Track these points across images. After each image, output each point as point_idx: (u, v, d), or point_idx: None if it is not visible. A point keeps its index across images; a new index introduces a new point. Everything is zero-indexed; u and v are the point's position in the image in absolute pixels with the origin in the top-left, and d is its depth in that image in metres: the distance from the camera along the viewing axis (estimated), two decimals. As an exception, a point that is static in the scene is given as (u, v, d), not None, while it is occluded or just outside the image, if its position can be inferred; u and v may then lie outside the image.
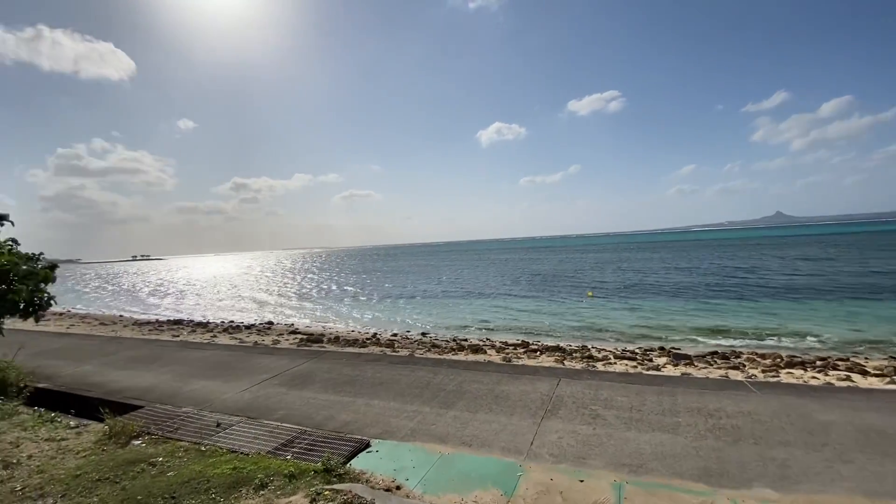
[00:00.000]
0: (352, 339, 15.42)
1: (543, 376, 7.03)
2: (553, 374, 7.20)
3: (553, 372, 7.35)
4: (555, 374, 7.20)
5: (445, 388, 6.63)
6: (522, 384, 6.69)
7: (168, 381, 7.77)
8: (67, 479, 4.14)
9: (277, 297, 33.94)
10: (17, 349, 8.60)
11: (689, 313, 19.33)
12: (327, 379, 7.38)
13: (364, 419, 5.65)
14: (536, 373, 7.27)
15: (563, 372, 7.34)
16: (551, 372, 7.34)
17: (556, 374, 7.13)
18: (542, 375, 7.09)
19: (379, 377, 7.32)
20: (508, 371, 7.47)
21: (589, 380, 6.77)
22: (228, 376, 7.87)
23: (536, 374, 7.21)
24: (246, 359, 9.07)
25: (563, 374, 7.20)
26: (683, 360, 11.24)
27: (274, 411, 6.10)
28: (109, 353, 10.27)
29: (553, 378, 6.91)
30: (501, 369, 7.63)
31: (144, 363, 9.12)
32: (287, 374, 7.74)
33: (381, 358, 8.61)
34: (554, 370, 7.57)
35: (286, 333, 16.78)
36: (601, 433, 4.98)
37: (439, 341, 15.07)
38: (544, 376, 7.03)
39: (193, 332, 17.31)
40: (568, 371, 7.44)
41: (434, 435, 5.10)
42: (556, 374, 7.12)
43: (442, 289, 34.28)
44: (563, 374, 7.20)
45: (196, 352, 9.97)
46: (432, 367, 7.73)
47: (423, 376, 7.26)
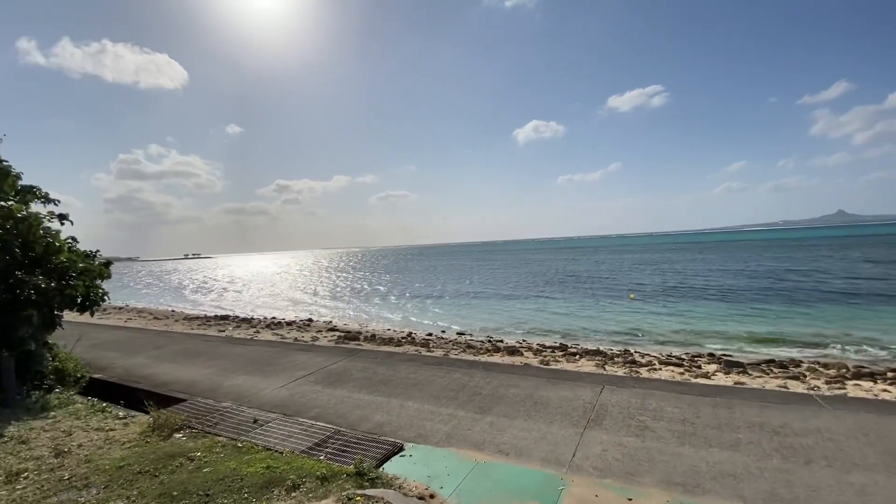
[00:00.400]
0: (387, 337, 15.46)
1: (585, 382, 6.67)
2: (596, 380, 6.82)
3: (596, 378, 6.97)
4: (598, 380, 6.82)
5: (481, 392, 6.40)
6: (563, 390, 6.36)
7: (210, 376, 7.97)
8: (111, 469, 4.24)
9: (315, 296, 34.82)
10: (76, 341, 9.11)
11: (738, 318, 18.20)
12: (362, 378, 7.33)
13: (398, 421, 5.52)
14: (578, 378, 6.91)
15: (607, 378, 6.94)
16: (594, 378, 6.96)
17: (599, 381, 6.74)
18: (583, 381, 6.73)
19: (413, 378, 7.19)
20: (547, 376, 7.14)
21: (635, 388, 6.35)
22: (267, 372, 7.99)
23: (578, 379, 6.86)
24: (284, 355, 9.20)
25: (606, 380, 6.80)
26: (736, 367, 10.50)
27: (309, 409, 6.09)
28: (159, 346, 10.73)
29: (596, 385, 6.53)
30: (540, 373, 7.32)
31: (190, 357, 9.44)
32: (323, 372, 7.76)
33: (415, 358, 8.50)
34: (596, 376, 7.19)
35: (325, 330, 17.07)
36: (651, 447, 4.60)
37: (474, 342, 14.87)
38: (586, 382, 6.67)
39: (238, 327, 17.94)
40: (612, 378, 7.04)
41: (470, 441, 4.90)
42: (599, 381, 6.74)
43: (477, 289, 34.00)
44: (606, 380, 6.80)
45: (238, 347, 10.24)
46: (467, 369, 7.52)
47: (458, 378, 7.07)
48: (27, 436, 5.16)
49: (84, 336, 12.63)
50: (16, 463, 4.42)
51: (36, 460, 4.52)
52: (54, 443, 5.00)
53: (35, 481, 4.04)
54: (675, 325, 17.57)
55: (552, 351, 13.63)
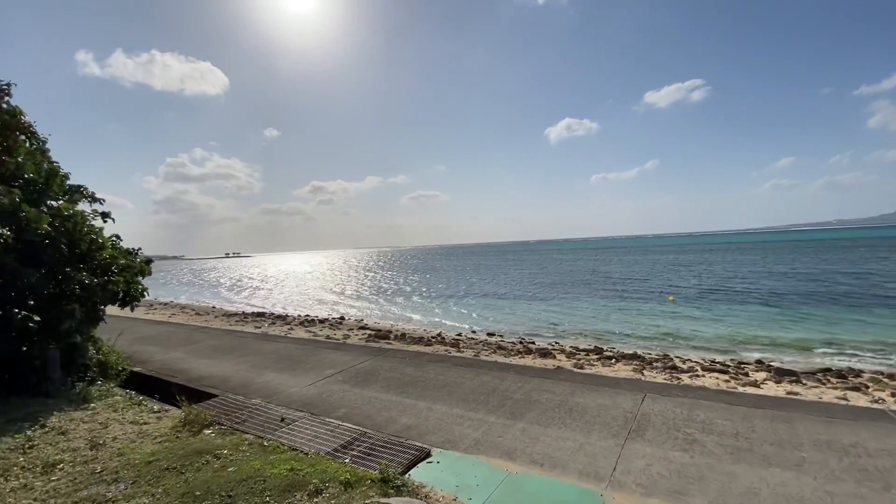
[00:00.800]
0: (417, 336, 15.36)
1: (625, 389, 6.25)
2: (636, 386, 6.39)
3: (636, 385, 6.53)
4: (638, 386, 6.39)
5: (513, 397, 6.12)
6: (600, 397, 5.98)
7: (242, 372, 8.05)
8: (141, 464, 4.25)
9: (346, 295, 35.29)
10: (118, 335, 9.44)
11: (786, 323, 16.99)
12: (390, 378, 7.19)
13: (425, 424, 5.33)
14: (616, 385, 6.50)
15: (650, 386, 6.48)
16: (634, 385, 6.53)
17: (639, 388, 6.31)
18: (622, 388, 6.31)
19: (442, 379, 6.98)
20: (583, 381, 6.76)
21: (681, 396, 5.88)
22: (296, 370, 7.99)
23: (616, 386, 6.44)
24: (314, 353, 9.21)
25: (647, 387, 6.35)
26: (787, 376, 9.71)
27: (336, 409, 5.99)
28: (196, 341, 11.02)
29: (636, 392, 6.11)
30: (574, 378, 6.94)
31: (224, 353, 9.61)
32: (351, 371, 7.68)
33: (444, 359, 8.29)
34: (636, 382, 6.73)
35: (356, 329, 17.18)
36: (701, 464, 4.19)
37: (505, 343, 14.55)
38: (626, 389, 6.25)
39: (273, 324, 18.33)
40: (654, 385, 6.56)
41: (500, 449, 4.63)
42: (640, 388, 6.30)
43: (508, 290, 33.50)
44: (647, 387, 6.35)
45: (270, 344, 10.36)
46: (498, 372, 7.24)
47: (489, 381, 6.80)
48: (67, 427, 5.29)
49: (128, 330, 13.17)
50: (53, 454, 4.51)
51: (72, 452, 4.60)
52: (91, 435, 5.10)
53: (69, 473, 4.09)
54: (717, 329, 16.62)
55: (586, 354, 13.15)
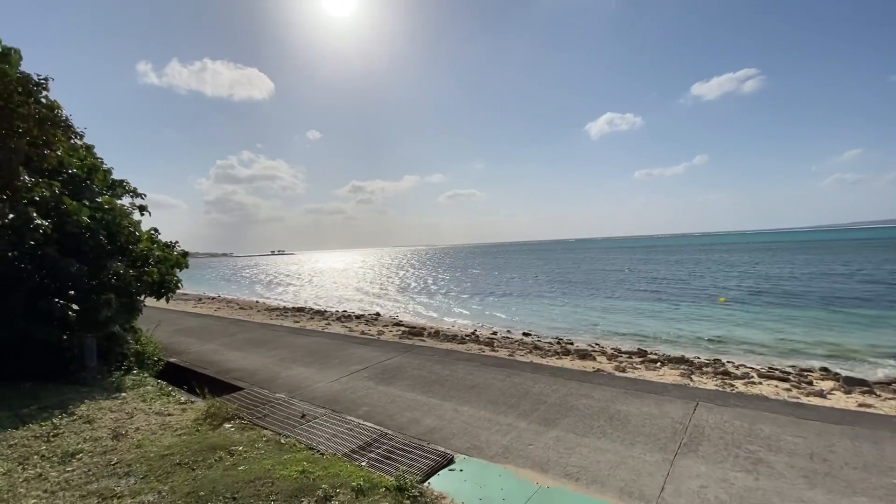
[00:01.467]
0: (451, 334, 15.08)
1: (674, 396, 5.60)
2: (687, 394, 5.71)
3: (687, 392, 5.84)
4: (689, 394, 5.71)
5: (546, 401, 5.62)
6: (645, 404, 5.38)
7: (271, 365, 7.99)
8: (155, 458, 4.13)
9: (384, 292, 35.52)
10: (155, 326, 9.69)
11: (851, 327, 15.34)
12: (416, 376, 6.87)
13: (450, 427, 4.95)
14: (663, 391, 5.85)
15: (703, 393, 5.77)
16: (684, 392, 5.84)
17: (691, 395, 5.64)
18: (671, 395, 5.66)
19: (471, 379, 6.58)
20: (625, 385, 6.15)
21: (739, 406, 5.18)
22: (324, 364, 7.84)
23: (663, 392, 5.80)
24: (343, 348, 9.06)
25: (701, 395, 5.65)
26: (858, 386, 8.62)
27: (359, 406, 5.72)
28: (231, 334, 11.19)
29: (687, 399, 5.45)
30: (616, 382, 6.34)
31: (256, 346, 9.65)
32: (378, 367, 7.43)
33: (474, 358, 7.88)
34: (687, 390, 6.02)
35: (391, 325, 17.11)
36: (768, 487, 3.57)
37: (542, 343, 14.01)
38: (675, 396, 5.60)
39: (311, 319, 18.58)
40: (708, 393, 5.83)
41: (531, 459, 4.18)
42: (692, 395, 5.63)
43: (545, 288, 32.57)
44: (701, 395, 5.65)
45: (301, 338, 10.33)
46: (531, 373, 6.74)
47: (521, 383, 6.33)
48: (94, 415, 5.32)
49: (171, 322, 13.63)
50: (75, 443, 4.49)
51: (94, 441, 4.57)
52: (116, 424, 5.09)
53: (86, 464, 4.02)
54: (773, 333, 15.21)
55: (629, 357, 12.37)
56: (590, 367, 10.16)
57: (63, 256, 7.16)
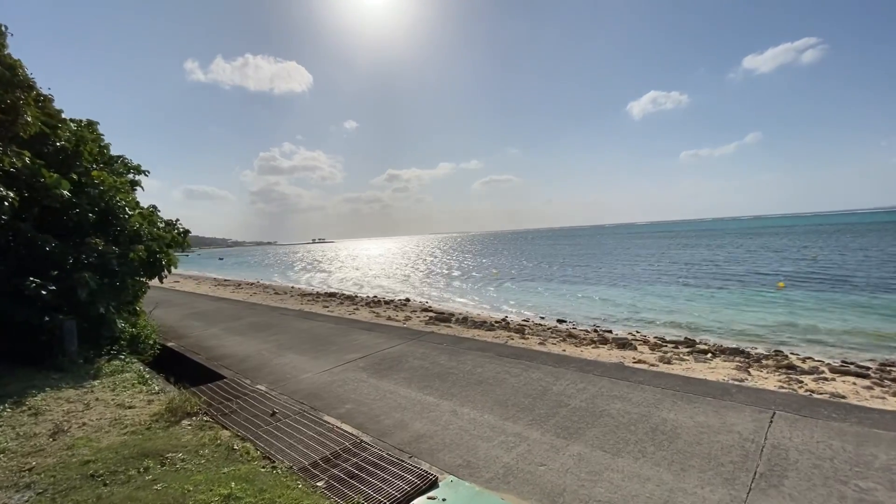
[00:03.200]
0: (480, 321, 14.08)
1: (739, 402, 4.26)
2: (757, 398, 4.33)
3: (757, 396, 4.43)
4: (761, 399, 4.32)
5: (569, 403, 4.45)
6: (701, 412, 4.10)
7: (264, 352, 7.26)
8: (76, 465, 3.37)
9: (415, 278, 34.88)
10: (153, 308, 9.23)
11: None
12: (417, 367, 5.87)
13: (442, 435, 3.91)
14: (725, 394, 4.49)
15: (780, 399, 4.33)
16: (753, 395, 4.44)
17: (763, 401, 4.26)
18: (735, 399, 4.32)
19: (479, 373, 5.50)
20: (673, 385, 4.84)
21: (836, 419, 3.79)
22: (320, 352, 7.01)
23: (725, 395, 4.45)
24: (346, 333, 8.22)
25: (778, 401, 4.25)
26: None
27: (342, 403, 4.80)
28: (240, 318, 10.66)
29: (759, 407, 4.11)
30: (660, 381, 5.03)
31: (258, 330, 9.01)
32: (377, 356, 6.50)
33: (487, 347, 6.77)
34: (758, 393, 4.57)
35: (419, 311, 16.40)
36: (905, 556, 2.32)
37: (577, 331, 12.68)
38: (741, 402, 4.25)
39: (341, 304, 18.10)
40: (789, 398, 4.37)
41: (541, 485, 3.07)
42: (765, 401, 4.24)
43: (583, 273, 30.75)
44: (778, 401, 4.25)
45: (307, 322, 9.60)
46: (554, 367, 5.56)
47: (540, 379, 5.18)
48: (46, 406, 4.70)
49: (189, 305, 13.38)
50: (4, 440, 3.83)
51: (24, 439, 3.90)
52: (63, 418, 4.43)
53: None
54: (842, 322, 13.15)
55: (675, 346, 10.87)
56: (630, 357, 8.88)
57: (41, 233, 6.67)
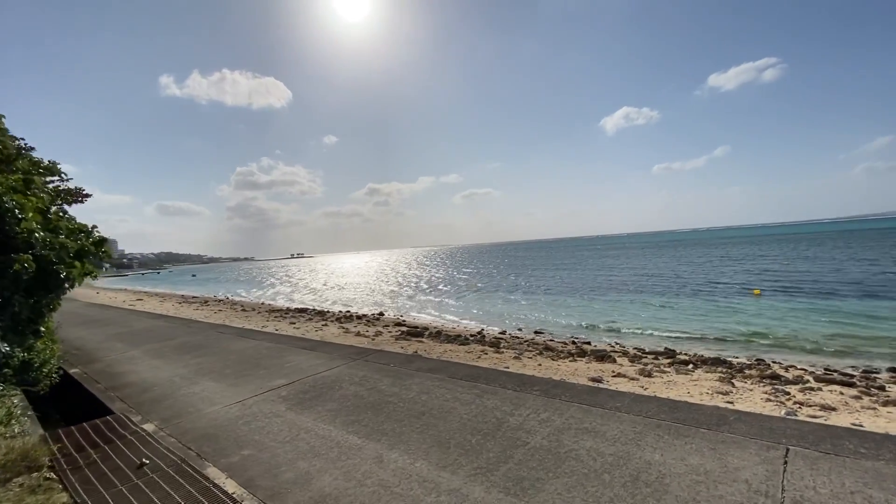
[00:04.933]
0: (454, 334, 13.31)
1: (741, 434, 3.29)
2: (762, 429, 3.37)
3: (761, 425, 3.45)
4: (766, 429, 3.36)
5: (528, 442, 3.44)
6: (694, 450, 3.13)
7: (177, 378, 6.06)
8: None
9: (392, 292, 33.68)
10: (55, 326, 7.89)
11: None
12: (350, 396, 4.78)
13: (354, 496, 2.85)
14: (722, 423, 3.50)
15: (792, 430, 3.33)
16: (756, 425, 3.46)
17: (769, 432, 3.30)
18: (736, 431, 3.34)
19: (424, 402, 4.45)
20: (657, 412, 3.83)
21: (867, 457, 2.84)
22: (243, 377, 5.85)
23: (722, 425, 3.46)
24: (283, 354, 7.05)
25: (790, 432, 3.28)
26: None
27: (239, 448, 3.69)
28: (170, 338, 9.36)
29: (766, 441, 3.15)
30: (641, 407, 4.00)
31: (184, 352, 7.77)
32: (307, 382, 5.38)
33: (440, 367, 5.67)
34: (762, 421, 3.56)
35: (392, 325, 15.56)
36: None
37: (555, 343, 12.15)
38: (743, 435, 3.28)
39: (310, 320, 16.97)
40: (802, 429, 3.35)
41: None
42: (772, 432, 3.29)
43: (561, 285, 30.18)
44: (790, 432, 3.28)
45: (243, 342, 8.37)
46: (514, 392, 4.55)
47: (496, 408, 4.17)
48: None
49: (124, 324, 11.97)
50: None
51: None
52: None
53: None
54: (819, 328, 12.93)
55: (655, 357, 10.26)
56: (609, 370, 8.16)
57: None
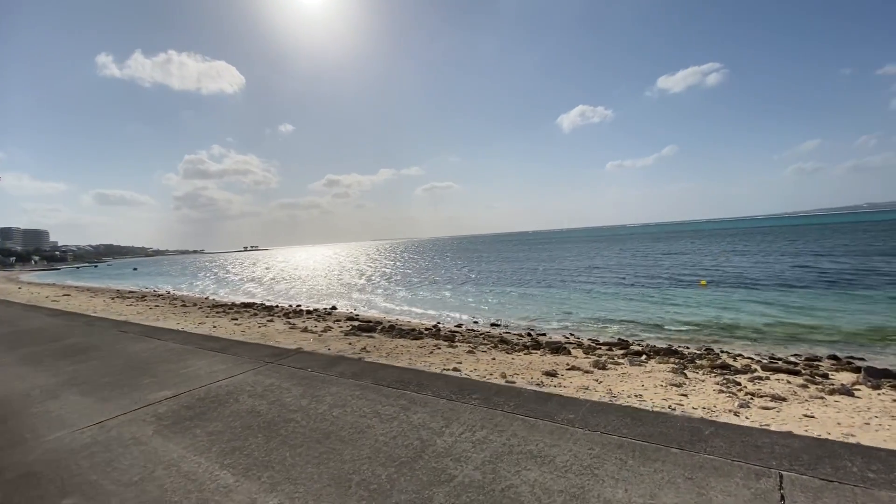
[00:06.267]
0: (409, 328, 12.62)
1: (721, 455, 2.56)
2: (745, 445, 2.70)
3: (744, 441, 2.79)
4: (750, 445, 2.70)
5: (455, 475, 2.57)
6: (668, 483, 2.36)
7: (36, 391, 4.79)
8: None
9: (349, 285, 32.25)
10: None
11: (844, 308, 13.61)
12: (244, 412, 3.77)
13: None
14: (696, 439, 2.79)
15: (779, 444, 2.69)
16: (739, 441, 2.79)
17: (754, 449, 2.64)
18: (715, 450, 2.61)
19: (334, 418, 3.51)
20: (619, 427, 3.02)
21: (876, 484, 2.22)
22: (119, 389, 4.68)
23: (697, 442, 2.73)
24: (183, 357, 5.86)
25: (777, 448, 2.64)
26: (885, 378, 6.44)
27: (59, 497, 2.64)
28: (58, 339, 7.88)
29: (754, 464, 2.44)
30: (601, 418, 3.19)
31: (64, 357, 6.39)
32: (196, 394, 4.31)
33: (363, 372, 4.69)
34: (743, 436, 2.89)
35: (343, 320, 14.55)
36: None
37: (510, 335, 11.84)
38: (724, 455, 2.55)
39: (255, 315, 15.59)
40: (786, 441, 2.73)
41: None
42: (756, 450, 2.64)
43: (520, 276, 30.07)
44: (777, 448, 2.64)
45: (143, 343, 7.06)
46: (448, 401, 3.67)
47: (423, 425, 3.30)
48: None
49: (10, 323, 10.26)
50: None
51: None
52: None
53: None
54: (761, 317, 13.31)
55: (609, 349, 10.00)
56: (563, 363, 7.83)
57: None
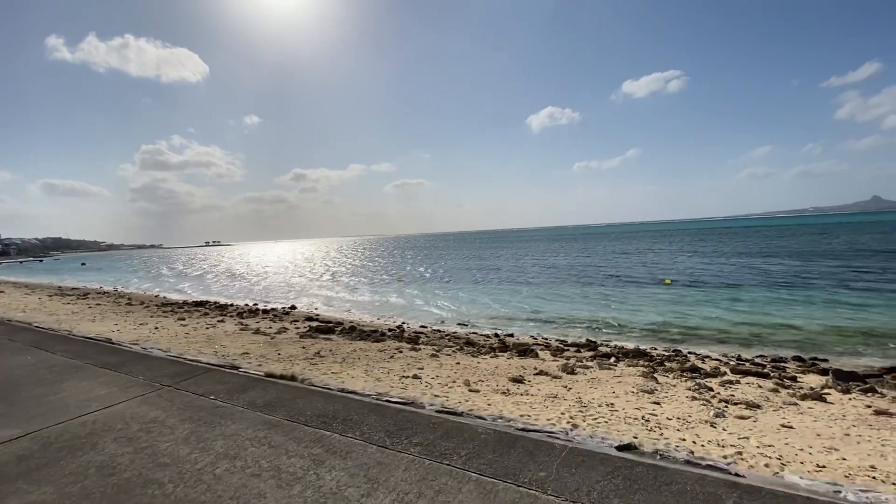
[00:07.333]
0: (371, 329, 11.81)
1: None
2: None
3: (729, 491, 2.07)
4: None
5: None
6: None
7: None
8: None
9: (315, 282, 30.64)
10: None
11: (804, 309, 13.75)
12: (94, 469, 2.74)
13: None
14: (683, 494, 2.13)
15: None
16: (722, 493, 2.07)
17: None
18: None
19: (214, 479, 2.53)
20: (607, 489, 2.28)
21: None
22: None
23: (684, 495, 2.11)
24: (63, 377, 4.70)
25: None
26: (854, 381, 6.41)
27: None
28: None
29: None
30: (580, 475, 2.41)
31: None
32: (45, 436, 3.24)
33: (286, 400, 3.63)
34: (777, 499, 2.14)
35: (302, 320, 13.68)
36: None
37: (477, 337, 11.30)
38: None
39: (206, 314, 14.33)
40: None
41: None
42: None
43: (487, 276, 29.44)
44: None
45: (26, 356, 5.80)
46: (381, 448, 2.69)
47: (335, 492, 2.41)
48: None
49: None
50: None
51: None
52: None
53: None
54: (731, 315, 13.30)
55: (577, 350, 9.57)
56: (531, 366, 7.29)
57: None
